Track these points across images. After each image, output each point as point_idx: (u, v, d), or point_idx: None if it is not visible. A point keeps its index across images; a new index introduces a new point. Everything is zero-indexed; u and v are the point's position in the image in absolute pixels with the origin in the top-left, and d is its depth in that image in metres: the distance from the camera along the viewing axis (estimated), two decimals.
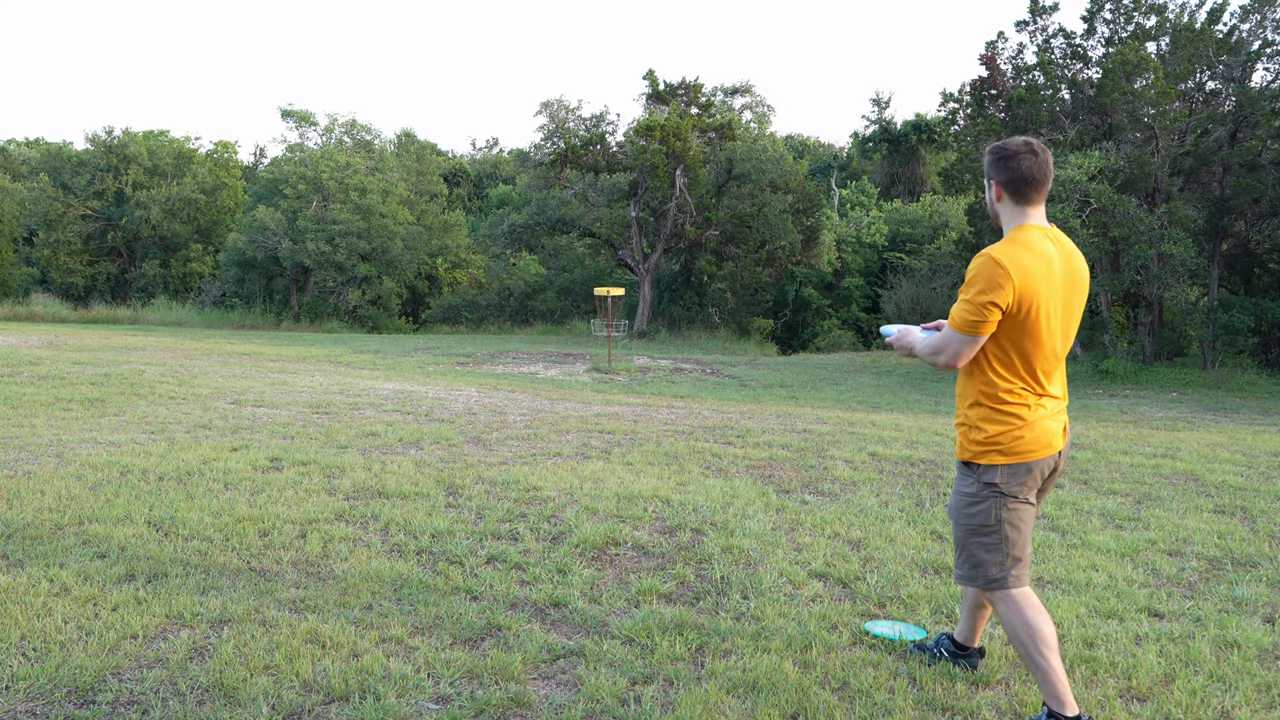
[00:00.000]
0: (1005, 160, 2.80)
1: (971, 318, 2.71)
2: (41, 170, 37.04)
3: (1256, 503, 5.88)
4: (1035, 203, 2.81)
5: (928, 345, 2.90)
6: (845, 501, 5.57)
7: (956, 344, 2.78)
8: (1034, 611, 2.81)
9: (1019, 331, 2.73)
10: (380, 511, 4.90)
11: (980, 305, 2.69)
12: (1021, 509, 2.83)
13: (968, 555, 2.89)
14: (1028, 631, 2.78)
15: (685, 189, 29.00)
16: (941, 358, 2.83)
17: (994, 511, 2.82)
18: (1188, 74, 19.07)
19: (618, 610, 3.69)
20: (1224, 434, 9.65)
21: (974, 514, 2.85)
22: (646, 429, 8.23)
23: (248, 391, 9.95)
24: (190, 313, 30.70)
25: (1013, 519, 2.82)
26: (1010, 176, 2.79)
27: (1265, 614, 3.84)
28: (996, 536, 2.82)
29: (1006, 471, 2.80)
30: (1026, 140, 2.82)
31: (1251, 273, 21.49)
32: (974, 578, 2.87)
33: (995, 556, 2.83)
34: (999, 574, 2.83)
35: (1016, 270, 2.67)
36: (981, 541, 2.84)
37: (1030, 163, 2.77)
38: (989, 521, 2.82)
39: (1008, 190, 2.81)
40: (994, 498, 2.81)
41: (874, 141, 48.55)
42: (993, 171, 2.85)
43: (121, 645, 3.17)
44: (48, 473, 5.53)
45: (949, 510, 2.99)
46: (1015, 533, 2.82)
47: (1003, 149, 2.83)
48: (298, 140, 38.95)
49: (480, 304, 36.49)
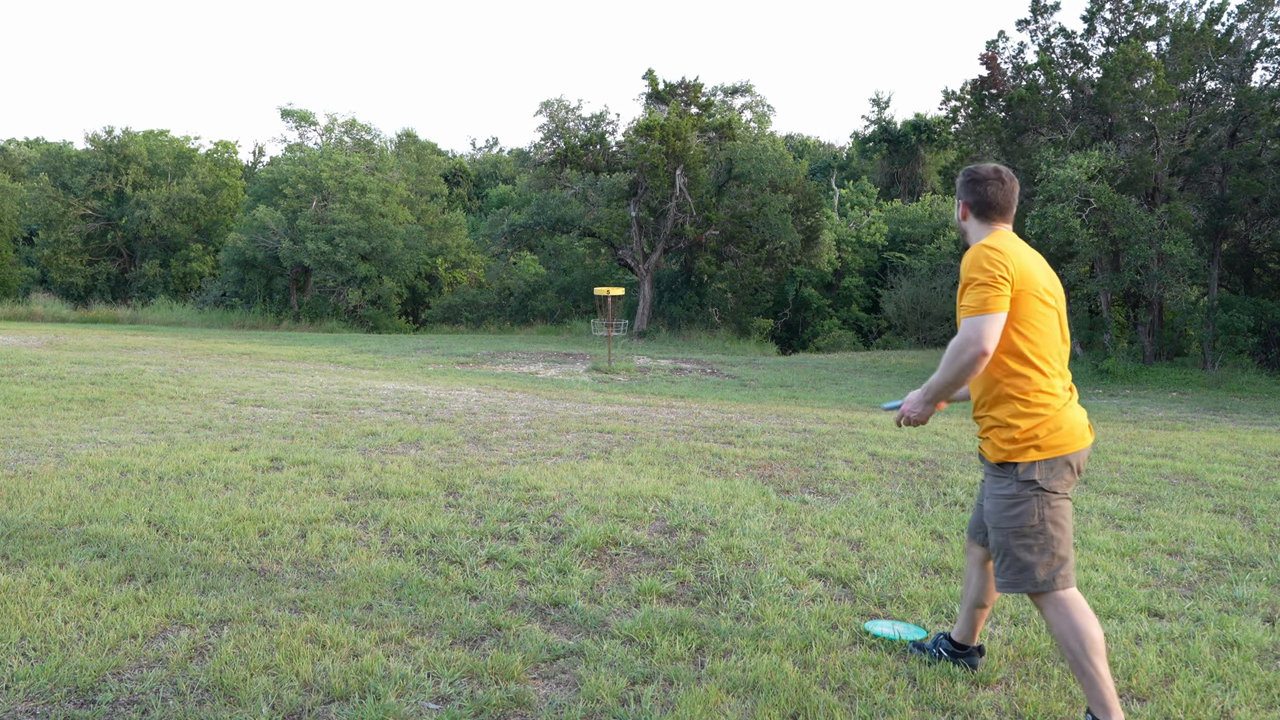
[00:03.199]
0: (974, 184, 2.98)
1: (985, 294, 2.73)
2: (41, 170, 37.04)
3: (1256, 503, 5.88)
4: (999, 223, 2.97)
5: (945, 361, 2.80)
6: (845, 501, 5.57)
7: (981, 327, 2.71)
8: (1083, 616, 2.75)
9: (1028, 316, 2.79)
10: (380, 511, 4.90)
11: (988, 282, 2.73)
12: (1063, 505, 2.80)
13: (1011, 560, 2.81)
14: (1076, 637, 2.72)
15: (685, 189, 28.99)
16: (970, 349, 2.71)
17: (1037, 510, 2.78)
18: (1188, 74, 19.06)
19: (618, 610, 3.69)
20: (1224, 434, 9.65)
21: (1015, 515, 2.80)
22: (646, 429, 8.23)
23: (248, 391, 9.95)
24: (190, 313, 30.70)
25: (1055, 517, 2.78)
26: (977, 199, 2.98)
27: (1265, 614, 3.84)
28: (1042, 537, 2.78)
29: (1045, 467, 2.78)
30: (996, 168, 2.99)
31: (1251, 273, 21.49)
32: (1020, 583, 2.80)
33: (1042, 558, 2.77)
34: (1046, 575, 2.77)
35: (1010, 252, 2.80)
36: (1026, 544, 2.79)
37: (996, 189, 2.95)
38: (1032, 522, 2.78)
39: (973, 211, 3.00)
40: (1035, 496, 2.78)
41: (874, 141, 48.56)
42: (962, 193, 3.02)
43: (121, 645, 3.17)
44: (48, 472, 5.53)
45: (986, 517, 2.92)
46: (1059, 531, 2.78)
47: (974, 174, 3.00)
48: (298, 140, 38.99)
49: (480, 304, 36.49)
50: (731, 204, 30.70)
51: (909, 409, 2.97)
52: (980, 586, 3.20)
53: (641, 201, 29.86)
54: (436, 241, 37.83)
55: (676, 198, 29.00)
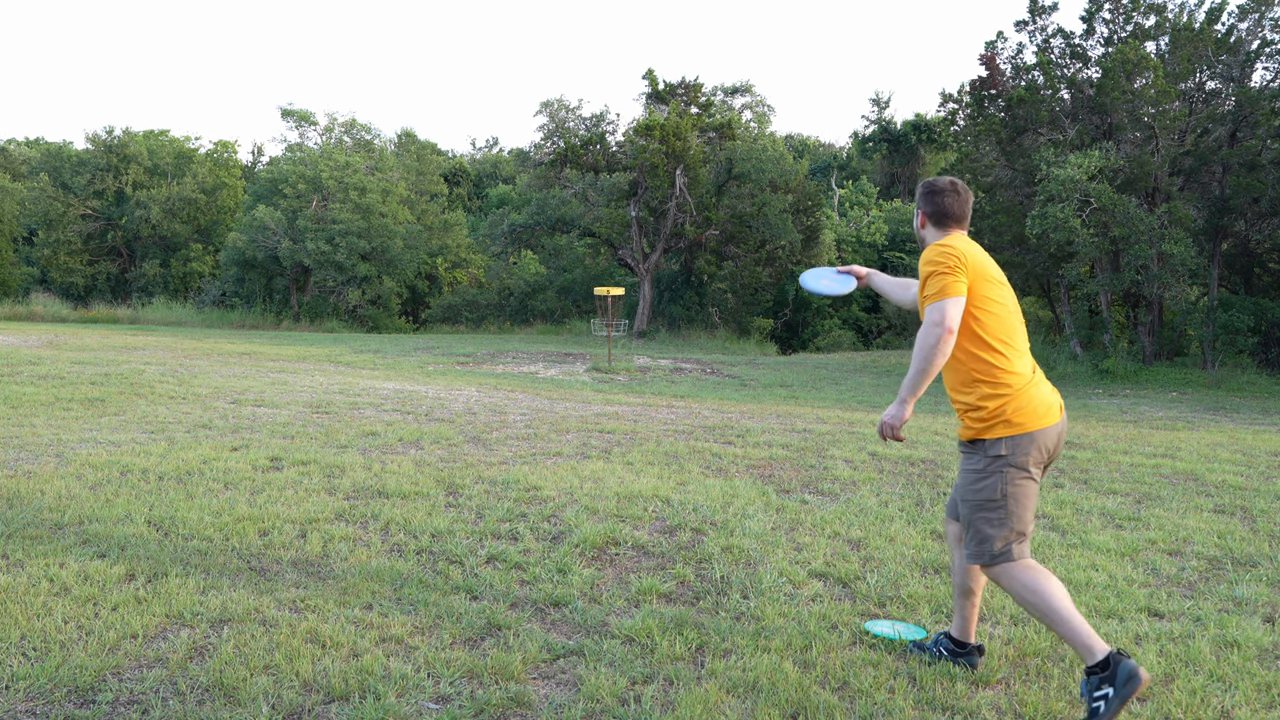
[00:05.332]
0: (932, 195, 3.24)
1: (944, 281, 2.97)
2: (41, 170, 37.02)
3: (1256, 502, 5.88)
4: (954, 229, 3.22)
5: (916, 351, 2.99)
6: (845, 501, 5.57)
7: (944, 308, 2.94)
8: (1034, 573, 2.93)
9: (984, 304, 3.02)
10: (380, 511, 4.90)
11: (945, 270, 2.98)
12: (1025, 483, 2.97)
13: (975, 531, 3.01)
14: (1033, 593, 2.89)
15: (685, 189, 28.99)
16: (935, 330, 2.93)
17: (999, 485, 2.96)
18: (1187, 74, 19.05)
19: (618, 610, 3.69)
20: (1224, 434, 9.65)
21: (980, 489, 2.99)
22: (646, 429, 8.23)
23: (248, 391, 9.95)
24: (190, 312, 30.69)
25: (1017, 493, 2.96)
26: (934, 209, 3.23)
27: (1265, 614, 3.84)
28: (1002, 511, 2.96)
29: (1011, 443, 2.97)
30: (953, 181, 3.25)
31: (1251, 272, 21.48)
32: (980, 554, 2.99)
33: (1000, 531, 2.96)
34: (1003, 548, 2.96)
35: (961, 247, 3.06)
36: (986, 516, 2.98)
37: (952, 200, 3.21)
38: (994, 495, 2.97)
39: (931, 220, 3.25)
40: (1000, 471, 2.97)
41: (874, 141, 48.56)
42: (921, 203, 3.27)
43: (121, 645, 3.17)
44: (48, 472, 5.53)
45: (956, 491, 3.14)
46: (1018, 506, 2.96)
47: (931, 185, 3.25)
48: (297, 140, 38.96)
49: (480, 304, 36.48)
50: (731, 204, 30.69)
51: (886, 418, 3.07)
52: (961, 567, 3.28)
53: (641, 201, 29.86)
54: (436, 241, 37.82)
55: (676, 198, 29.00)
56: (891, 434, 3.07)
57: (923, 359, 2.94)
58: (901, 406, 3.03)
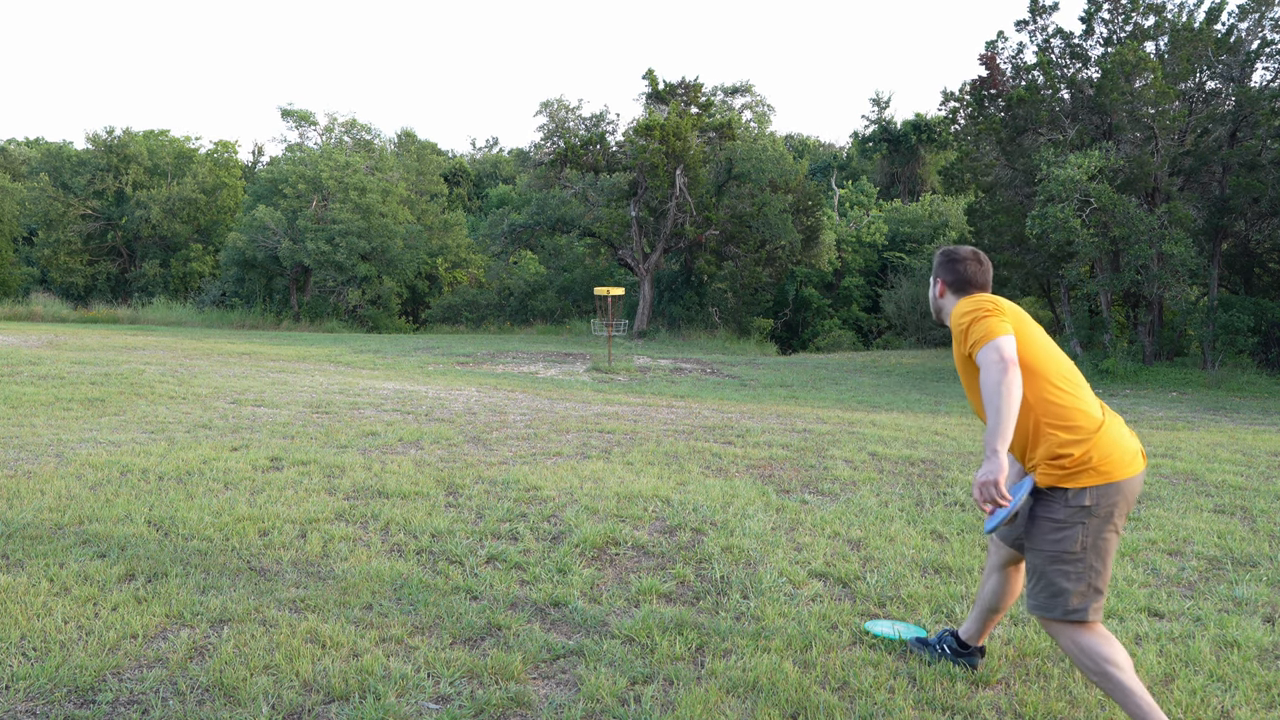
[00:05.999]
0: (953, 264, 3.10)
1: (988, 324, 2.77)
2: (41, 170, 37.02)
3: (1256, 502, 5.88)
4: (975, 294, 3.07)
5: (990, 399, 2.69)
6: (845, 501, 5.57)
7: (999, 347, 2.70)
8: (1105, 642, 2.73)
9: (1030, 346, 2.83)
10: (380, 511, 4.90)
11: (987, 314, 2.80)
12: (1110, 536, 2.75)
13: (1047, 584, 2.77)
14: (1101, 662, 2.70)
15: (685, 189, 28.99)
16: (997, 367, 2.68)
17: (1081, 538, 2.73)
18: (1187, 74, 19.05)
19: (618, 610, 3.69)
20: (1224, 434, 9.65)
21: (1059, 540, 2.75)
22: (646, 429, 8.23)
23: (248, 391, 9.95)
24: (190, 312, 30.68)
25: (1100, 546, 2.74)
26: (955, 277, 3.09)
27: (1265, 614, 3.84)
28: (1081, 565, 2.73)
29: (1096, 493, 2.73)
30: (974, 250, 3.12)
31: (1251, 272, 21.48)
32: (1051, 608, 2.76)
33: (1078, 586, 2.73)
34: (1079, 605, 2.73)
35: (993, 297, 2.92)
36: (1063, 570, 2.75)
37: (975, 269, 3.09)
38: (1074, 549, 2.73)
39: (951, 288, 3.11)
40: (1084, 522, 2.73)
41: (874, 141, 48.56)
42: (941, 272, 3.13)
43: (121, 645, 3.17)
44: (48, 472, 5.53)
45: (1027, 538, 2.87)
46: (1100, 562, 2.74)
47: (953, 254, 3.12)
48: (297, 140, 38.96)
49: (480, 304, 36.48)
50: (731, 204, 30.69)
51: (983, 477, 2.68)
52: (996, 592, 3.17)
53: (641, 201, 29.86)
54: (436, 241, 37.82)
55: (676, 198, 29.00)
56: (995, 493, 2.66)
57: (998, 400, 2.65)
58: (995, 459, 2.65)
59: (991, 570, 3.19)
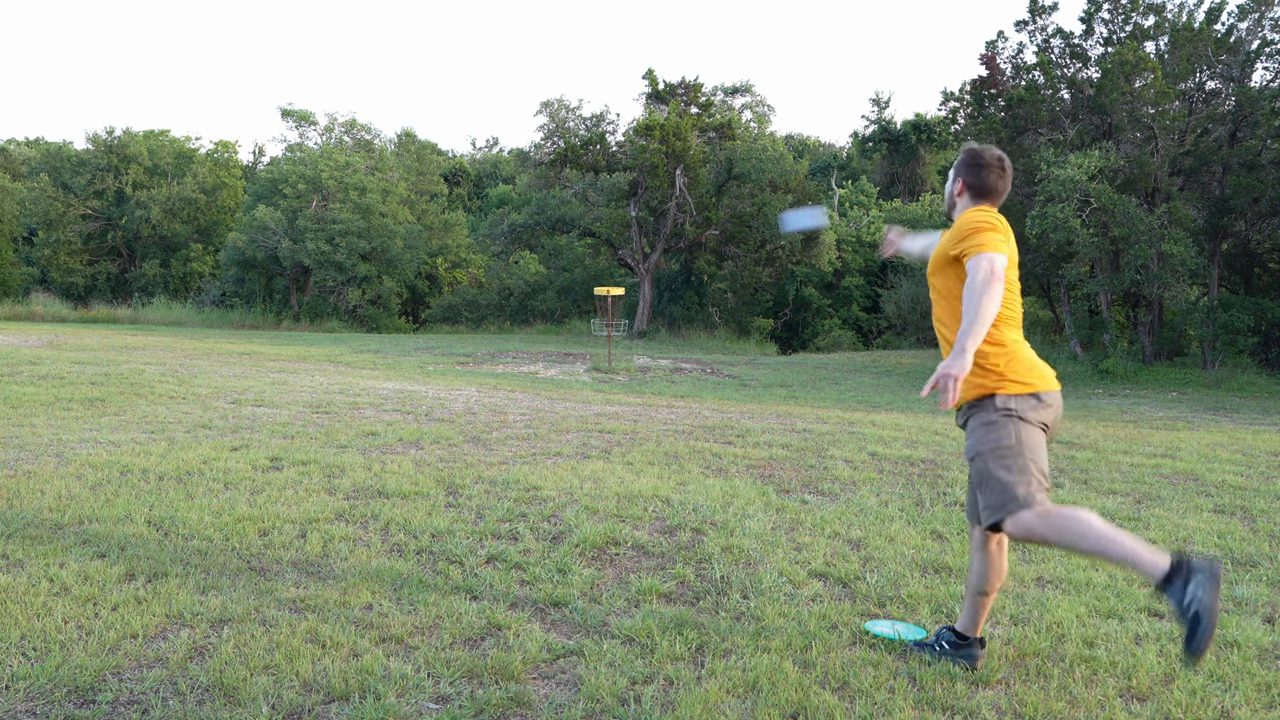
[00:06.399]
0: (976, 168, 3.16)
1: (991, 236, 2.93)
2: (41, 170, 37.03)
3: (1256, 503, 5.88)
4: (988, 205, 3.17)
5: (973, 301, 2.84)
6: (845, 501, 5.57)
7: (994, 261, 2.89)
8: (1065, 512, 2.83)
9: (1006, 279, 3.00)
10: (380, 511, 4.90)
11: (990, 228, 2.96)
12: (1038, 434, 2.96)
13: (993, 483, 2.94)
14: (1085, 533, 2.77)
15: (685, 189, 28.99)
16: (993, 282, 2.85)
17: (1014, 431, 2.94)
18: (1187, 74, 19.05)
19: (618, 610, 3.69)
20: (1224, 434, 9.65)
21: (994, 437, 2.95)
22: (646, 429, 8.23)
23: (248, 391, 9.95)
24: (190, 312, 30.69)
25: (1031, 440, 2.93)
26: (976, 182, 3.16)
27: (1265, 614, 3.84)
28: (1020, 458, 2.91)
29: (1019, 400, 2.97)
30: (1000, 156, 3.16)
31: (1251, 272, 21.48)
32: (1003, 504, 2.90)
33: (1021, 476, 2.90)
34: (1026, 493, 2.88)
35: (998, 218, 3.04)
36: (1005, 463, 2.92)
37: (997, 177, 3.15)
38: (1009, 442, 2.93)
39: (970, 191, 3.18)
40: (1012, 419, 2.95)
41: (874, 141, 48.54)
42: (963, 171, 3.19)
43: (121, 645, 3.17)
44: (48, 472, 5.53)
45: (965, 452, 3.10)
46: (1035, 455, 2.92)
47: (979, 157, 3.17)
48: (297, 140, 39.00)
49: (480, 304, 36.48)
50: (731, 204, 30.69)
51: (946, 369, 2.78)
52: (981, 572, 3.23)
53: (641, 201, 29.86)
54: (436, 241, 37.83)
55: (676, 198, 29.00)
56: (953, 388, 2.78)
57: (980, 302, 2.82)
58: (962, 356, 2.78)
59: (974, 550, 3.25)
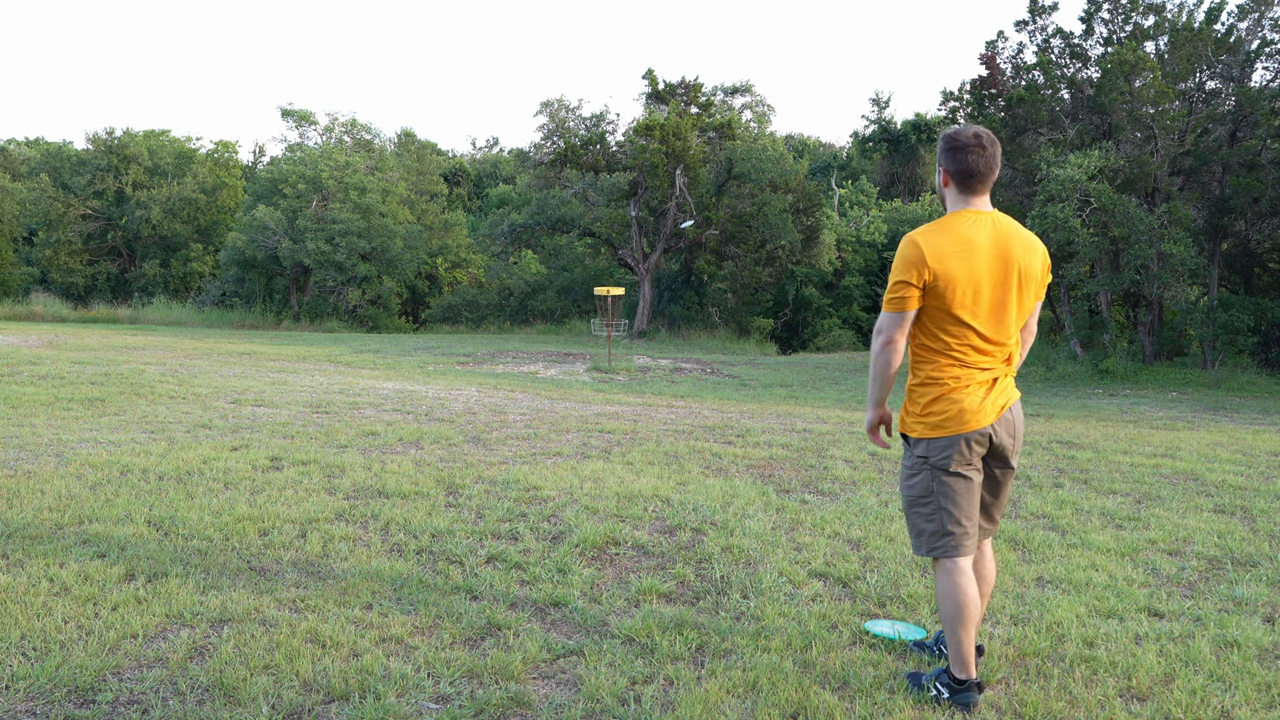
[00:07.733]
0: (954, 152, 2.89)
1: (892, 295, 2.90)
2: (41, 170, 37.00)
3: (1256, 502, 5.88)
4: (979, 193, 2.94)
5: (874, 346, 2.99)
6: (845, 501, 5.57)
7: (886, 322, 2.91)
8: (960, 584, 2.92)
9: (942, 310, 2.87)
10: (380, 511, 4.90)
11: (896, 284, 2.88)
12: (953, 481, 2.93)
13: (911, 525, 3.04)
14: (950, 602, 2.92)
15: (685, 189, 28.98)
16: (880, 338, 2.93)
17: (924, 480, 2.96)
18: (1187, 73, 19.04)
19: (618, 610, 3.69)
20: (1224, 434, 9.65)
21: (911, 485, 3.00)
22: (646, 428, 8.23)
23: (248, 391, 9.95)
24: (190, 312, 30.67)
25: (945, 491, 2.93)
26: (957, 168, 2.90)
27: (1265, 614, 3.84)
28: (932, 507, 2.95)
29: (931, 445, 2.94)
30: (977, 134, 2.87)
31: (1251, 272, 21.47)
32: (917, 546, 3.02)
33: (932, 526, 2.95)
34: (932, 545, 2.96)
35: (931, 252, 2.83)
36: (920, 511, 2.99)
37: (977, 158, 2.86)
38: (924, 493, 2.96)
39: (954, 179, 2.93)
40: (926, 470, 2.95)
41: (874, 141, 48.53)
42: (942, 160, 2.94)
43: (121, 645, 3.17)
44: (48, 472, 5.53)
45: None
46: (950, 504, 2.93)
47: (954, 140, 2.89)
48: (297, 139, 38.97)
49: (480, 304, 36.46)
50: (731, 204, 30.68)
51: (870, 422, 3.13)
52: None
53: (641, 201, 29.85)
54: (436, 241, 37.81)
55: (676, 197, 28.99)
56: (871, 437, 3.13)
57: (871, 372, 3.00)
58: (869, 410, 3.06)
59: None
